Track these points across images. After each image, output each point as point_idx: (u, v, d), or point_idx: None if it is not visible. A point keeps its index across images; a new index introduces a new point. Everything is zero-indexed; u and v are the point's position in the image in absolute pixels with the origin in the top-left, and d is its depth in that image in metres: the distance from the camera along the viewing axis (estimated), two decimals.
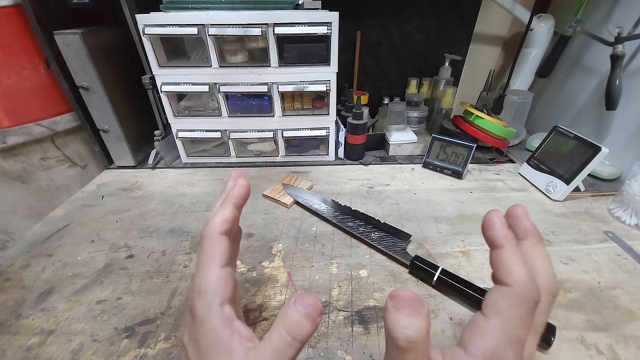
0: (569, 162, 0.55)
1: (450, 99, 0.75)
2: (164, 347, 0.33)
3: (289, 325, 0.19)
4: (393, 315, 0.18)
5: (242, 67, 0.59)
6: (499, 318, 0.18)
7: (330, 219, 0.50)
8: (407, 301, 0.18)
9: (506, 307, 0.18)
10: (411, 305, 0.18)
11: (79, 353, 0.33)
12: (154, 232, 0.50)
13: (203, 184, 0.62)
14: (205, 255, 0.22)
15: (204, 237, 0.23)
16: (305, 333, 0.19)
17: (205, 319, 0.20)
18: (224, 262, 0.22)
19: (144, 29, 0.54)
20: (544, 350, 0.33)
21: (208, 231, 0.23)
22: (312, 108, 0.65)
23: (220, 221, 0.23)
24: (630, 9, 0.58)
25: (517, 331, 0.18)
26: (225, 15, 0.53)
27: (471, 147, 0.60)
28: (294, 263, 0.44)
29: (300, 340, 0.19)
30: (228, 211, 0.24)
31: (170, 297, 0.39)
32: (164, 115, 0.65)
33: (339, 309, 0.37)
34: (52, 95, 0.61)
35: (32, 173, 0.63)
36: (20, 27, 0.54)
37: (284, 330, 0.19)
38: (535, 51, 0.73)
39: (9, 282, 0.41)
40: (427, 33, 0.79)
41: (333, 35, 0.55)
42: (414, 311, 0.18)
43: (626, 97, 0.58)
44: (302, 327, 0.19)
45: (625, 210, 0.51)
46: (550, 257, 0.22)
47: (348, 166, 0.69)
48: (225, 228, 0.23)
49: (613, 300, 0.38)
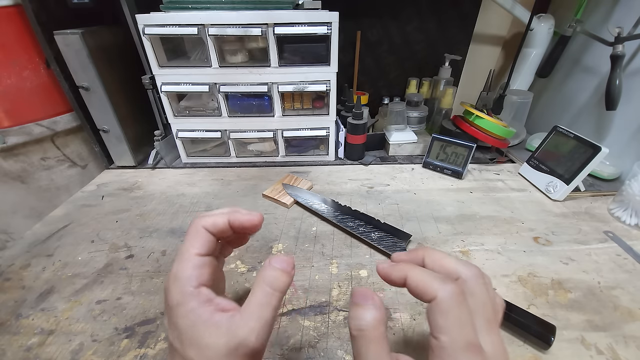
0: (569, 162, 0.55)
1: (450, 99, 0.75)
2: (164, 347, 0.33)
3: (269, 279, 0.22)
4: (350, 308, 0.21)
5: (242, 67, 0.59)
6: (442, 334, 0.18)
7: (330, 219, 0.50)
8: (359, 295, 0.21)
9: (442, 320, 0.18)
10: (362, 298, 0.20)
11: (79, 353, 0.33)
12: (154, 232, 0.50)
13: (203, 184, 0.62)
14: (185, 244, 0.23)
15: (188, 228, 0.24)
16: (283, 284, 0.22)
17: (181, 303, 0.21)
18: (203, 252, 0.23)
19: (144, 29, 0.54)
20: (544, 350, 0.33)
21: (192, 222, 0.24)
22: (312, 108, 0.65)
23: (210, 222, 0.24)
24: (630, 9, 0.58)
25: (463, 336, 0.18)
26: (225, 15, 0.53)
27: (471, 147, 0.60)
28: (294, 263, 0.44)
29: (280, 290, 0.22)
30: (221, 219, 0.24)
31: None
32: (164, 115, 0.65)
33: (339, 309, 0.37)
34: (52, 95, 0.61)
35: (32, 173, 0.63)
36: (20, 27, 0.54)
37: (265, 285, 0.22)
38: (535, 51, 0.73)
39: (9, 282, 0.41)
40: (427, 33, 0.79)
41: (333, 35, 0.55)
42: (363, 303, 0.20)
43: (626, 97, 0.58)
44: (280, 279, 0.22)
45: (625, 210, 0.51)
46: (550, 257, 0.22)
47: (348, 166, 0.69)
48: (209, 226, 0.24)
49: (613, 300, 0.38)
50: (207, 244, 0.23)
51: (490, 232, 0.49)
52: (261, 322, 0.20)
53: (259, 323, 0.20)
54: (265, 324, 0.20)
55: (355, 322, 0.20)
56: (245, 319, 0.20)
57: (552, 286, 0.40)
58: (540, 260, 0.44)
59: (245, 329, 0.20)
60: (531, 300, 0.38)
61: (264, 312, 0.21)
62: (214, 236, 0.24)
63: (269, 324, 0.21)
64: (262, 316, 0.21)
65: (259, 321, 0.20)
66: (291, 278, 0.23)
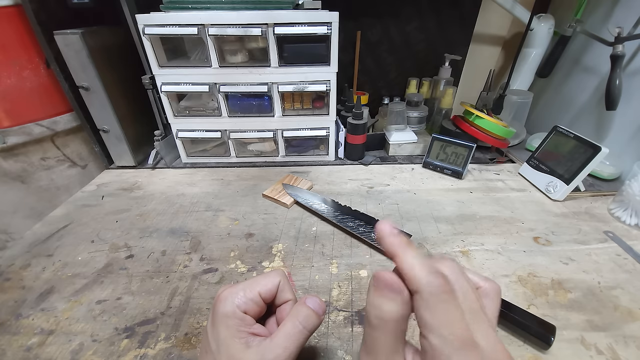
0: (569, 162, 0.55)
1: (450, 99, 0.75)
2: (164, 347, 0.33)
3: (301, 317, 0.24)
4: (371, 293, 0.20)
5: (242, 67, 0.59)
6: (432, 333, 0.17)
7: (330, 219, 0.50)
8: (387, 284, 0.19)
9: (429, 316, 0.18)
10: (390, 288, 0.19)
11: (79, 353, 0.33)
12: (154, 232, 0.50)
13: (203, 184, 0.62)
14: (259, 279, 0.26)
15: (272, 271, 0.28)
16: (312, 324, 0.24)
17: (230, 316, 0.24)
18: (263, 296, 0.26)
19: (144, 29, 0.54)
20: (544, 350, 0.33)
21: (280, 274, 0.27)
22: (312, 108, 0.65)
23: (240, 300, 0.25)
24: (630, 9, 0.58)
25: (456, 334, 0.17)
26: (225, 15, 0.53)
27: (471, 147, 0.60)
28: (294, 263, 0.44)
29: (309, 329, 0.24)
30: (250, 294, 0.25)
31: (170, 297, 0.39)
32: (164, 115, 0.65)
33: (339, 309, 0.37)
34: (52, 95, 0.61)
35: (32, 173, 0.63)
36: (20, 27, 0.54)
37: (297, 320, 0.24)
38: (535, 51, 0.73)
39: (9, 282, 0.41)
40: (427, 33, 0.79)
41: (333, 35, 0.55)
42: (391, 294, 0.19)
43: (626, 97, 0.58)
44: (311, 319, 0.24)
45: (625, 210, 0.51)
46: (550, 257, 0.22)
47: (348, 166, 0.69)
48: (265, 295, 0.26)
49: (613, 300, 0.38)
50: (268, 292, 0.26)
51: (490, 232, 0.49)
52: (286, 353, 0.23)
53: (285, 353, 0.23)
54: (289, 355, 0.23)
55: (376, 311, 0.19)
56: (273, 347, 0.23)
57: (552, 286, 0.40)
58: (540, 260, 0.44)
59: (271, 355, 0.22)
60: (531, 300, 0.38)
61: (290, 344, 0.23)
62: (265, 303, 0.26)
63: (292, 356, 0.23)
64: (287, 347, 0.23)
65: (285, 351, 0.23)
66: (321, 321, 0.25)
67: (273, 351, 0.22)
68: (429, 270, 0.18)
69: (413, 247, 0.20)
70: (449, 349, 0.17)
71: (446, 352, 0.17)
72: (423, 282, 0.18)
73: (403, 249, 0.20)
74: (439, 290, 0.18)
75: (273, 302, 0.27)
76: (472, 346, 0.17)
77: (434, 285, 0.18)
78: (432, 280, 0.18)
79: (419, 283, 0.18)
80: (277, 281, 0.27)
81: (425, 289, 0.18)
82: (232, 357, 0.22)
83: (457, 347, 0.17)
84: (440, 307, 0.18)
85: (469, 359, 0.17)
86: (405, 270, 0.19)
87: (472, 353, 0.17)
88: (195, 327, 0.35)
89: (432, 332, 0.17)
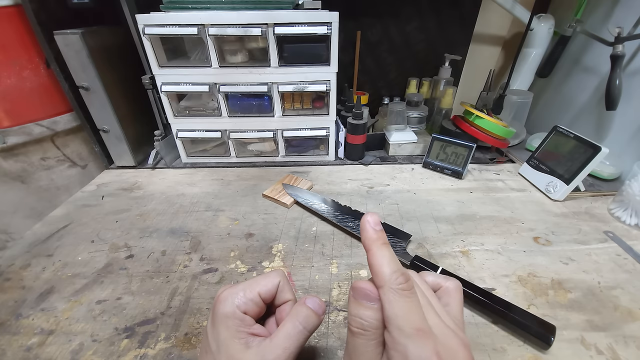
0: (569, 162, 0.55)
1: (450, 99, 0.75)
2: (164, 347, 0.33)
3: (301, 317, 0.24)
4: (351, 303, 0.22)
5: (242, 67, 0.59)
6: (390, 324, 0.19)
7: (330, 219, 0.50)
8: (363, 293, 0.21)
9: (389, 310, 0.19)
10: (367, 298, 0.21)
11: (79, 353, 0.33)
12: (154, 232, 0.50)
13: (203, 184, 0.62)
14: (258, 279, 0.26)
15: (271, 272, 0.28)
16: (312, 325, 0.24)
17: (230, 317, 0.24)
18: (262, 296, 0.26)
19: (144, 29, 0.54)
20: (544, 350, 0.33)
21: (280, 274, 0.27)
22: (312, 108, 0.65)
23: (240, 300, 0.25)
24: (630, 9, 0.58)
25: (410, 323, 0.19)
26: (225, 15, 0.53)
27: (471, 147, 0.60)
28: (294, 263, 0.44)
29: (309, 330, 0.24)
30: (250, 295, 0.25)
31: (170, 297, 0.39)
32: (164, 115, 0.65)
33: (339, 309, 0.37)
34: (52, 95, 0.61)
35: (32, 173, 0.63)
36: (20, 27, 0.54)
37: (297, 321, 0.24)
38: (535, 51, 0.73)
39: (9, 282, 0.41)
40: (427, 33, 0.79)
41: (333, 35, 0.55)
42: (368, 303, 0.21)
43: (626, 97, 0.58)
44: (311, 319, 0.25)
45: (625, 210, 0.51)
46: (550, 257, 0.22)
47: (348, 166, 0.69)
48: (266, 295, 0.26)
49: (613, 300, 0.38)
50: (268, 292, 0.26)
51: (490, 232, 0.49)
52: (286, 353, 0.23)
53: (285, 353, 0.23)
54: (289, 355, 0.23)
55: (357, 320, 0.21)
56: (273, 347, 0.23)
57: (552, 286, 0.40)
58: (540, 260, 0.44)
59: (271, 355, 0.22)
60: (531, 300, 0.38)
61: (290, 344, 0.23)
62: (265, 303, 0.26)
63: (292, 357, 0.23)
64: (287, 347, 0.23)
65: (284, 351, 0.23)
66: (320, 321, 0.25)
67: (273, 351, 0.23)
68: (394, 268, 0.20)
69: (388, 246, 0.22)
70: (405, 338, 0.18)
71: (402, 342, 0.18)
72: (387, 279, 0.20)
73: (377, 246, 0.21)
74: (400, 286, 0.20)
75: (273, 303, 0.27)
76: (426, 335, 0.19)
77: (397, 282, 0.20)
78: (396, 277, 0.20)
79: (384, 279, 0.20)
80: (277, 281, 0.27)
81: (387, 284, 0.20)
82: (232, 357, 0.22)
83: (413, 335, 0.18)
84: (400, 301, 0.19)
85: (424, 346, 0.18)
86: (373, 266, 0.21)
87: (427, 341, 0.18)
88: (195, 327, 0.35)
89: (391, 324, 0.19)
